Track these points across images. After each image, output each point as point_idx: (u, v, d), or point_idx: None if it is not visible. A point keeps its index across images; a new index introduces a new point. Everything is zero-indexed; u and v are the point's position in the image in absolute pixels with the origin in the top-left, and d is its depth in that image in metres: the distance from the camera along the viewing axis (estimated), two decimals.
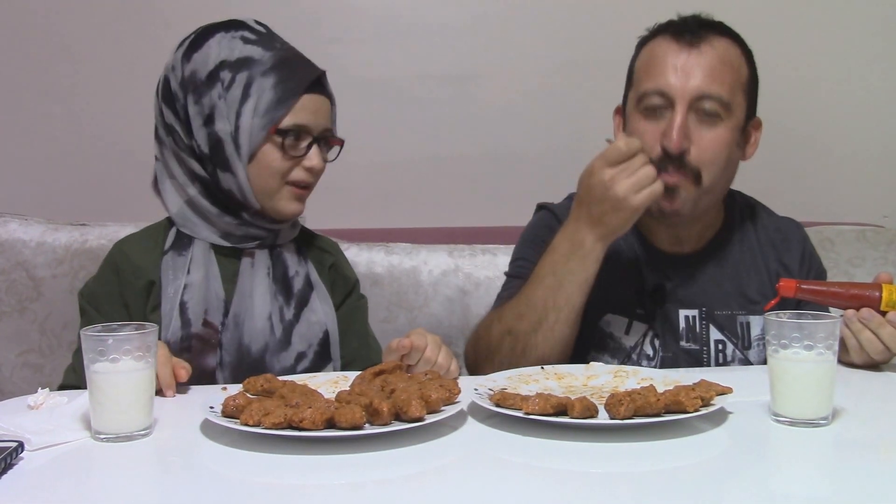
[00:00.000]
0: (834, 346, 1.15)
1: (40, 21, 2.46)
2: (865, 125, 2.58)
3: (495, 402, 1.16)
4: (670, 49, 1.53)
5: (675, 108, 1.50)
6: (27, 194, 2.45)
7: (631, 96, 1.59)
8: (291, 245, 1.62)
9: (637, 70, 1.60)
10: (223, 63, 1.49)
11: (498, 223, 2.44)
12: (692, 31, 1.54)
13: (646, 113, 1.53)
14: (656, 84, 1.52)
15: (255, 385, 1.23)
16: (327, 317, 1.60)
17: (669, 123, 1.50)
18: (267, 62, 1.50)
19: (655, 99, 1.52)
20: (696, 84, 1.50)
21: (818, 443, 1.11)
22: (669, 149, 1.49)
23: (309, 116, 1.51)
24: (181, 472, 1.03)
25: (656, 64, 1.54)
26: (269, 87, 1.48)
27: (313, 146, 1.52)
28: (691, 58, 1.51)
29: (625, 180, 1.39)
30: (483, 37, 2.51)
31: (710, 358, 1.60)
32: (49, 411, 1.20)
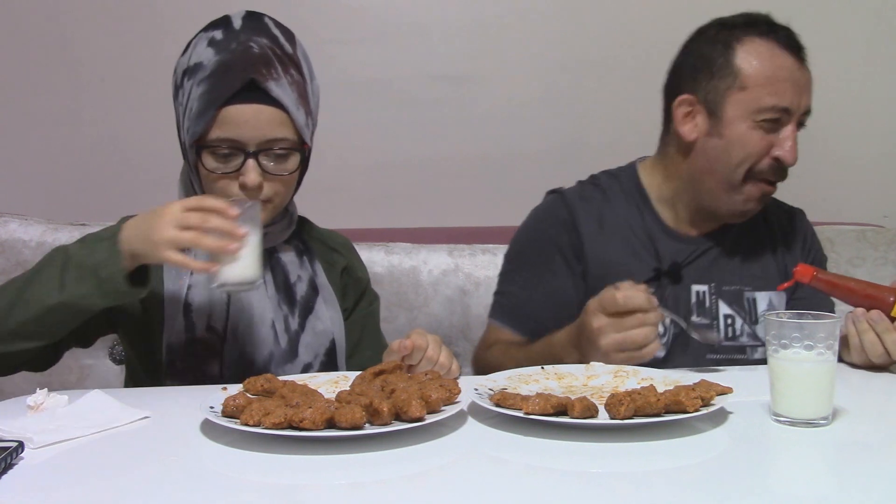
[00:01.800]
0: (834, 347, 1.15)
1: (40, 21, 2.46)
2: (865, 125, 2.59)
3: (495, 402, 1.16)
4: (789, 63, 1.55)
5: (790, 123, 1.55)
6: (27, 194, 2.45)
7: (741, 100, 1.55)
8: (290, 248, 1.56)
9: (749, 74, 1.55)
10: (185, 70, 1.44)
11: (498, 223, 2.44)
12: (797, 45, 1.57)
13: (761, 124, 1.55)
14: (782, 101, 1.54)
15: (256, 385, 1.23)
16: (334, 323, 1.55)
17: (785, 138, 1.55)
18: (208, 67, 1.40)
19: (778, 114, 1.54)
20: (807, 102, 1.57)
21: (818, 443, 1.11)
22: (788, 162, 1.55)
23: (236, 129, 1.38)
24: (181, 473, 1.03)
25: (780, 79, 1.54)
26: (197, 96, 1.40)
27: (249, 161, 1.39)
28: (804, 75, 1.57)
29: (611, 335, 1.37)
30: (483, 37, 2.51)
31: (720, 331, 1.65)
32: (50, 412, 1.20)
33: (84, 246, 1.32)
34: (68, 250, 1.32)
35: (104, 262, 1.28)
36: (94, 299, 1.30)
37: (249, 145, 1.40)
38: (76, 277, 1.29)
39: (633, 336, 1.36)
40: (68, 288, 1.29)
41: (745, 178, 1.57)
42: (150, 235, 1.27)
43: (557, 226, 1.68)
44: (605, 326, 1.37)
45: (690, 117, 1.61)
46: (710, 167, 1.59)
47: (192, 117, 1.41)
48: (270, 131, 1.40)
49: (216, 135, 1.39)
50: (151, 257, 1.29)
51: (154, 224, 1.27)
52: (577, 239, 1.66)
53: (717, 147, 1.58)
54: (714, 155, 1.58)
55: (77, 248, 1.32)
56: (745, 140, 1.54)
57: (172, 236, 1.26)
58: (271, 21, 1.50)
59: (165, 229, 1.26)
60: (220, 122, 1.39)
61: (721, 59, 1.57)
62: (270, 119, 1.40)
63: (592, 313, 1.39)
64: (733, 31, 1.58)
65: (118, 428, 1.17)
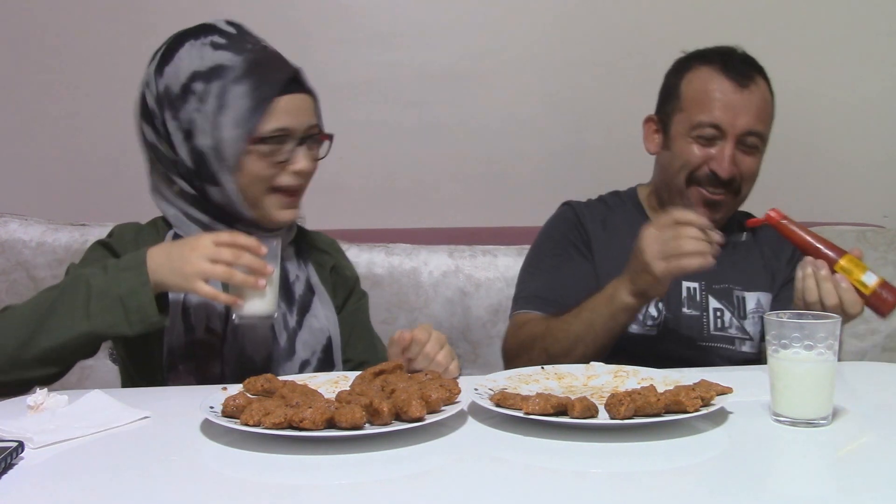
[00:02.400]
0: (834, 347, 1.15)
1: (40, 21, 2.46)
2: (865, 126, 2.59)
3: (495, 402, 1.16)
4: (724, 86, 1.71)
5: (726, 140, 1.71)
6: (27, 194, 2.45)
7: (680, 119, 1.75)
8: (290, 249, 1.59)
9: (687, 97, 1.75)
10: (195, 74, 1.44)
11: (498, 224, 2.44)
12: (742, 72, 1.72)
13: (696, 139, 1.72)
14: (711, 118, 1.71)
15: (256, 385, 1.23)
16: (329, 322, 1.58)
17: (720, 153, 1.71)
18: (238, 68, 1.44)
19: (708, 130, 1.71)
20: (745, 122, 1.70)
21: (818, 443, 1.11)
22: (721, 175, 1.70)
23: (289, 118, 1.45)
24: (181, 472, 1.03)
25: (711, 99, 1.72)
26: (242, 94, 1.43)
27: (299, 148, 1.47)
28: (743, 98, 1.71)
29: (654, 245, 1.48)
30: (483, 37, 2.51)
31: (710, 323, 1.76)
32: (50, 412, 1.20)
33: (107, 275, 1.34)
34: (90, 280, 1.34)
35: (132, 291, 1.31)
36: (121, 328, 1.33)
37: (297, 133, 1.47)
38: (103, 307, 1.32)
39: (676, 245, 1.46)
40: (95, 318, 1.32)
41: (686, 183, 1.74)
42: (181, 267, 1.32)
43: (568, 225, 1.85)
44: (650, 237, 1.49)
45: (656, 134, 1.83)
46: (663, 177, 1.80)
47: (243, 114, 1.42)
48: (309, 119, 1.50)
49: (272, 125, 1.44)
50: (180, 288, 1.34)
51: (185, 256, 1.32)
52: (584, 235, 1.82)
53: (667, 158, 1.78)
54: (665, 165, 1.79)
55: (100, 276, 1.34)
56: (684, 151, 1.74)
57: (205, 269, 1.31)
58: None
59: (198, 262, 1.31)
60: (275, 113, 1.44)
61: (672, 86, 1.80)
62: (310, 108, 1.51)
63: (646, 230, 1.51)
64: (688, 61, 1.79)
65: (118, 428, 1.17)
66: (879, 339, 2.12)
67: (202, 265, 1.31)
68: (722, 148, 1.70)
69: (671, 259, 1.46)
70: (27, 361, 1.32)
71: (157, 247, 1.36)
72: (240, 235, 1.35)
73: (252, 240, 1.34)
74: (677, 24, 2.42)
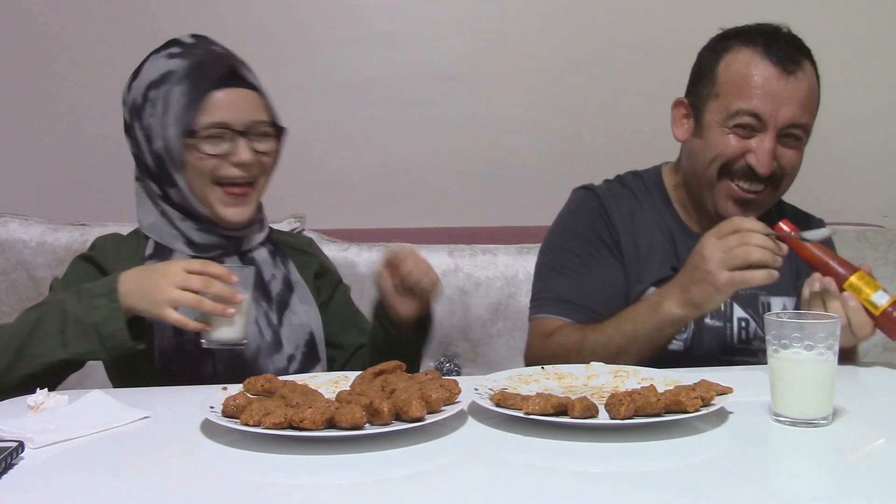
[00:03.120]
0: (834, 347, 1.15)
1: (40, 21, 2.46)
2: (865, 126, 2.59)
3: (495, 402, 1.16)
4: (767, 72, 1.55)
5: (766, 132, 1.55)
6: (27, 194, 2.45)
7: (716, 106, 1.59)
8: (263, 249, 1.61)
9: (724, 81, 1.59)
10: (151, 84, 1.49)
11: (498, 223, 2.44)
12: (788, 56, 1.56)
13: (733, 129, 1.57)
14: (751, 106, 1.54)
15: (256, 385, 1.23)
16: (310, 317, 1.60)
17: (760, 146, 1.55)
18: (181, 71, 1.48)
19: (747, 119, 1.55)
20: (789, 113, 1.55)
21: (818, 443, 1.11)
22: (759, 171, 1.55)
23: (225, 112, 1.47)
24: (181, 472, 1.03)
25: (752, 85, 1.55)
26: (181, 93, 1.47)
27: (240, 140, 1.48)
28: (788, 86, 1.54)
29: (717, 254, 1.38)
30: (483, 37, 2.51)
31: (734, 335, 1.64)
32: (50, 412, 1.20)
33: (81, 301, 1.37)
34: (65, 305, 1.38)
35: (105, 319, 1.35)
36: (98, 355, 1.38)
37: (237, 126, 1.48)
38: (78, 334, 1.36)
39: (743, 252, 1.37)
40: (71, 345, 1.36)
41: (718, 176, 1.60)
42: (151, 294, 1.35)
43: (595, 217, 1.69)
44: (714, 245, 1.39)
45: (685, 119, 1.66)
46: (693, 166, 1.65)
47: (180, 111, 1.46)
48: (252, 113, 1.50)
49: (207, 120, 1.46)
50: (150, 314, 1.38)
51: (155, 283, 1.35)
52: (613, 230, 1.68)
53: (697, 147, 1.63)
54: (695, 154, 1.63)
55: (74, 303, 1.37)
56: (718, 142, 1.58)
57: (174, 296, 1.35)
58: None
59: (167, 290, 1.34)
60: (209, 108, 1.47)
61: (708, 68, 1.63)
62: (253, 102, 1.51)
63: (706, 238, 1.41)
64: (727, 40, 1.62)
65: (118, 428, 1.17)
66: (879, 340, 2.12)
67: (172, 293, 1.34)
68: (762, 140, 1.55)
69: (736, 270, 1.36)
70: (11, 387, 1.36)
71: (129, 272, 1.39)
72: (211, 264, 1.39)
73: (223, 268, 1.38)
74: (677, 24, 2.42)
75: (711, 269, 1.38)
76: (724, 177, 1.59)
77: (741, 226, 1.39)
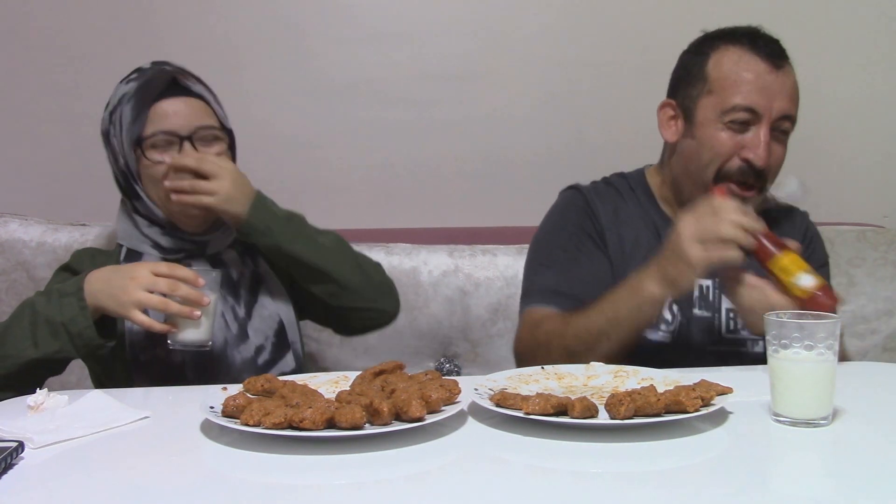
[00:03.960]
0: (834, 347, 1.15)
1: (40, 21, 2.46)
2: (865, 126, 2.58)
3: (495, 402, 1.16)
4: (758, 67, 1.59)
5: (760, 125, 1.58)
6: (27, 194, 2.45)
7: (709, 103, 1.62)
8: (231, 251, 1.66)
9: (716, 78, 1.62)
10: (112, 109, 1.59)
11: (498, 223, 2.44)
12: (774, 51, 1.60)
13: (728, 125, 1.59)
14: (746, 101, 1.58)
15: (256, 385, 1.23)
16: (279, 306, 1.65)
17: (755, 139, 1.58)
18: (132, 90, 1.56)
19: (742, 114, 1.58)
20: (781, 106, 1.58)
21: (818, 443, 1.11)
22: (757, 164, 1.57)
23: (167, 121, 1.54)
24: (181, 472, 1.03)
25: (746, 80, 1.58)
26: (129, 109, 1.55)
27: (184, 144, 1.54)
28: (778, 80, 1.59)
29: (690, 228, 1.40)
30: (483, 37, 2.51)
31: (722, 325, 1.66)
32: (50, 412, 1.20)
33: (50, 301, 1.42)
34: (35, 306, 1.43)
35: (73, 318, 1.40)
36: (67, 353, 1.43)
37: (181, 131, 1.55)
38: (48, 334, 1.41)
39: (716, 229, 1.38)
40: (42, 345, 1.41)
41: (715, 178, 1.61)
42: (117, 295, 1.40)
43: (580, 213, 1.73)
44: (687, 221, 1.41)
45: (673, 121, 1.69)
46: (685, 168, 1.66)
47: (128, 126, 1.55)
48: (198, 119, 1.57)
49: (151, 130, 1.54)
50: (117, 314, 1.42)
51: (122, 284, 1.40)
52: (598, 225, 1.71)
53: (690, 147, 1.64)
54: (688, 155, 1.65)
55: (44, 303, 1.43)
56: (713, 140, 1.60)
57: (141, 298, 1.39)
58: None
59: (134, 292, 1.39)
60: (153, 119, 1.55)
61: (696, 68, 1.65)
62: (197, 109, 1.58)
63: (683, 216, 1.44)
64: (712, 41, 1.66)
65: (118, 428, 1.17)
66: (879, 340, 2.12)
67: (138, 295, 1.38)
68: (756, 134, 1.58)
69: (709, 244, 1.38)
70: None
71: (97, 271, 1.44)
72: (178, 267, 1.43)
73: (190, 272, 1.43)
74: (677, 24, 2.41)
75: (684, 244, 1.39)
76: (721, 179, 1.60)
77: (714, 204, 1.42)
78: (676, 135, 1.68)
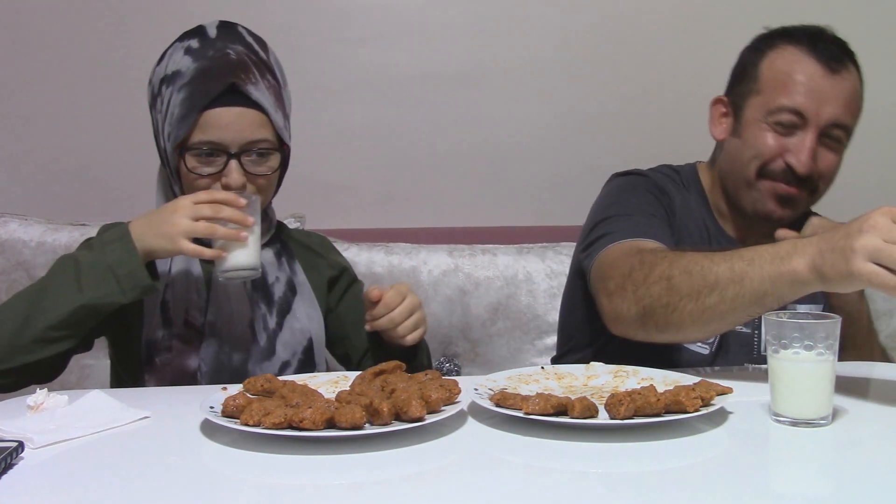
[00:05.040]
0: (834, 346, 1.15)
1: (40, 21, 2.46)
2: (865, 125, 2.58)
3: (495, 402, 1.16)
4: (812, 69, 1.54)
5: (808, 130, 1.54)
6: (27, 194, 2.45)
7: (756, 103, 1.58)
8: (269, 250, 1.58)
9: (767, 77, 1.58)
10: (163, 79, 1.48)
11: (498, 223, 2.44)
12: (833, 55, 1.55)
13: (773, 126, 1.55)
14: (794, 103, 1.53)
15: (256, 385, 1.23)
16: (312, 321, 1.58)
17: (800, 145, 1.54)
18: (188, 74, 1.45)
19: (788, 116, 1.54)
20: (832, 112, 1.54)
21: (818, 443, 1.11)
22: (798, 170, 1.53)
23: (218, 132, 1.44)
24: (181, 472, 1.03)
25: (796, 82, 1.54)
26: (179, 102, 1.45)
27: (231, 162, 1.44)
28: (832, 85, 1.54)
29: (877, 237, 1.13)
30: (483, 37, 2.51)
31: (761, 342, 1.62)
32: (50, 412, 1.20)
33: (93, 250, 1.37)
34: (77, 257, 1.38)
35: (121, 260, 1.34)
36: (115, 297, 1.35)
37: (231, 147, 1.45)
38: (95, 279, 1.34)
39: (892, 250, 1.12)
40: (88, 290, 1.34)
41: (758, 175, 1.58)
42: (165, 229, 1.35)
43: (653, 188, 1.63)
44: (880, 224, 1.14)
45: (724, 118, 1.65)
46: (730, 166, 1.63)
47: (174, 122, 1.45)
48: (251, 133, 1.46)
49: (199, 138, 1.44)
50: (167, 251, 1.37)
51: (167, 218, 1.35)
52: (671, 208, 1.64)
53: (736, 146, 1.61)
54: (733, 153, 1.62)
55: (86, 253, 1.38)
56: (757, 139, 1.56)
57: (188, 227, 1.34)
58: (244, 30, 1.54)
59: (180, 222, 1.34)
60: (203, 126, 1.44)
61: (750, 65, 1.62)
62: (252, 121, 1.46)
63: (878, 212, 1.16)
64: (771, 39, 1.62)
65: (118, 428, 1.17)
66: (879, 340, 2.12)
67: (185, 224, 1.34)
68: (802, 139, 1.53)
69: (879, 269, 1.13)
70: (27, 345, 1.34)
71: (137, 218, 1.39)
72: (216, 191, 1.40)
73: (229, 194, 1.39)
74: (681, 27, 2.42)
75: (857, 245, 1.14)
76: (763, 177, 1.57)
77: None
78: (725, 132, 1.64)
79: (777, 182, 1.56)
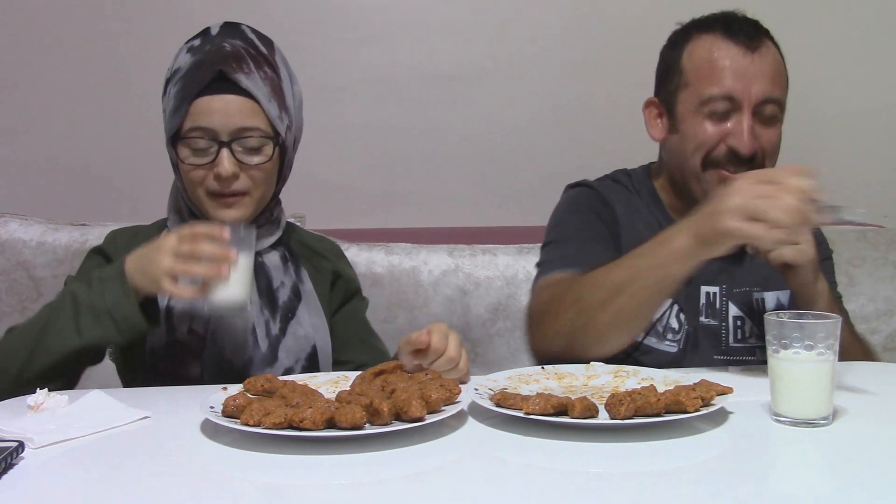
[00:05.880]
0: (834, 346, 1.15)
1: (40, 21, 2.46)
2: (865, 125, 2.59)
3: (495, 402, 1.16)
4: (731, 52, 1.55)
5: (742, 112, 1.54)
6: (27, 194, 2.45)
7: (687, 96, 1.59)
8: (275, 253, 1.56)
9: (691, 69, 1.59)
10: (168, 78, 1.49)
11: (498, 223, 2.44)
12: (748, 34, 1.56)
13: (708, 116, 1.56)
14: (723, 88, 1.54)
15: (256, 385, 1.23)
16: (316, 329, 1.55)
17: (738, 127, 1.54)
18: (184, 69, 1.45)
19: (721, 104, 1.55)
20: (761, 89, 1.54)
21: (818, 443, 1.11)
22: (742, 151, 1.54)
23: (207, 118, 1.42)
24: (181, 473, 1.03)
25: (720, 68, 1.55)
26: (174, 95, 1.45)
27: (223, 150, 1.42)
28: (754, 62, 1.55)
29: (738, 197, 1.26)
30: (483, 37, 2.51)
31: (729, 334, 1.63)
32: (50, 412, 1.20)
33: (92, 288, 1.36)
34: (76, 294, 1.37)
35: (117, 302, 1.34)
36: (113, 339, 1.36)
37: (221, 134, 1.43)
38: (92, 321, 1.35)
39: (760, 202, 1.24)
40: (86, 332, 1.35)
41: (703, 166, 1.58)
42: (150, 270, 1.33)
43: (595, 203, 1.67)
44: (741, 187, 1.27)
45: (658, 119, 1.66)
46: (675, 163, 1.63)
47: (170, 114, 1.46)
48: (241, 120, 1.43)
49: (187, 125, 1.43)
50: (152, 290, 1.36)
51: (153, 258, 1.34)
52: (614, 216, 1.66)
53: (677, 142, 1.62)
54: (676, 150, 1.62)
55: (85, 290, 1.37)
56: (696, 131, 1.57)
57: (169, 267, 1.32)
58: (248, 28, 1.54)
59: (162, 261, 1.32)
60: (193, 114, 1.43)
61: (672, 61, 1.63)
62: (241, 108, 1.44)
63: (741, 175, 1.32)
64: (686, 32, 1.64)
65: (118, 428, 1.17)
66: (879, 340, 2.12)
67: (166, 263, 1.32)
68: (738, 121, 1.54)
69: (751, 219, 1.24)
70: (30, 380, 1.34)
71: (135, 252, 1.38)
72: (199, 225, 1.36)
73: (211, 227, 1.34)
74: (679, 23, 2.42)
75: (724, 207, 1.26)
76: (710, 166, 1.57)
77: (782, 178, 1.27)
78: (663, 132, 1.65)
79: (723, 169, 1.56)
